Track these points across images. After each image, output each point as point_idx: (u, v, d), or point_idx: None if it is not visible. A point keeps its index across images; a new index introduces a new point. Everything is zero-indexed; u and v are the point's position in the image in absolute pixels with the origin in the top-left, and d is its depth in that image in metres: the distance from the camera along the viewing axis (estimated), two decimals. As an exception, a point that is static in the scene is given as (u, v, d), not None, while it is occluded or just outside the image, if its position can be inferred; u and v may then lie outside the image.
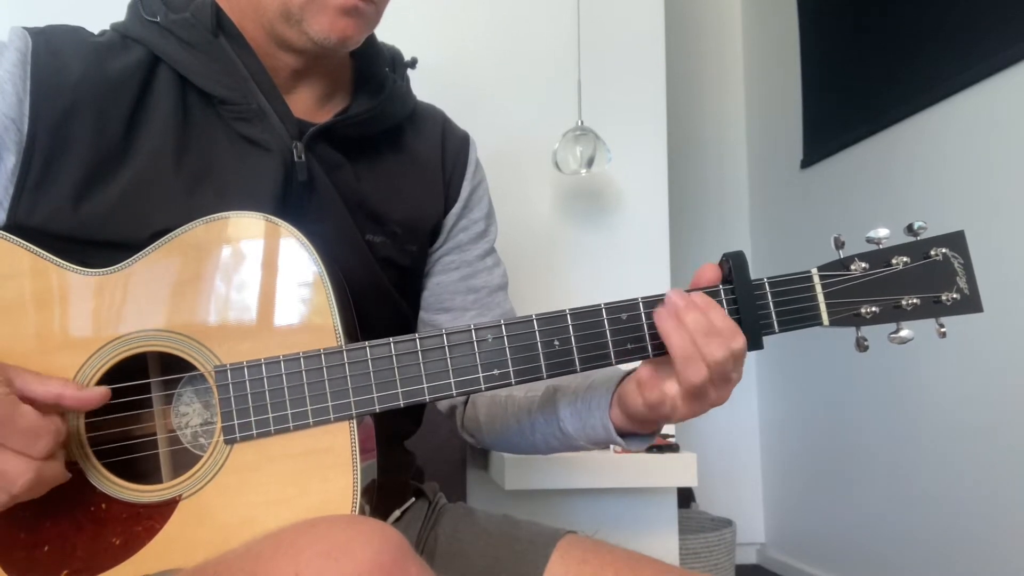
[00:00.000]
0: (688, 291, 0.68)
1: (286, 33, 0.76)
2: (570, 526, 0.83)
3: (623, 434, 0.75)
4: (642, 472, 1.52)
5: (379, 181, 0.85)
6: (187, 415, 0.70)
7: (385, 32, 0.89)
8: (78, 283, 0.66)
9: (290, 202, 0.76)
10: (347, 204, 0.81)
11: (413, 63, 0.93)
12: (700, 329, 0.64)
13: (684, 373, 0.64)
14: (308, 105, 0.83)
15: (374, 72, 0.87)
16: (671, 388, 0.66)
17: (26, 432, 0.57)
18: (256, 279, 0.66)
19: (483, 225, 0.95)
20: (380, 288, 0.84)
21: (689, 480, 1.54)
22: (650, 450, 1.53)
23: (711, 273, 0.69)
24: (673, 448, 1.55)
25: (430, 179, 0.90)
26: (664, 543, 1.66)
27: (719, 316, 0.65)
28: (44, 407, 0.60)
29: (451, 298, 0.92)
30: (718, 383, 0.66)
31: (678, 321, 0.65)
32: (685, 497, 2.30)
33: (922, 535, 1.93)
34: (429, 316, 0.92)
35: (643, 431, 0.75)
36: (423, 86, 0.97)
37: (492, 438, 0.90)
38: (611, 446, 1.58)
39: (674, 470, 1.53)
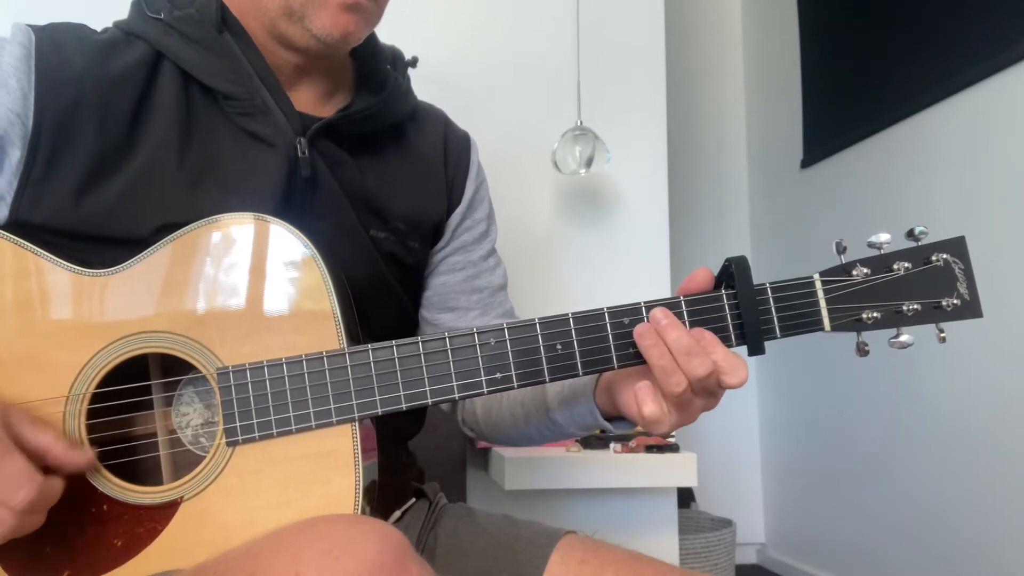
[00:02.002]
0: (687, 297, 0.68)
1: (288, 30, 0.76)
2: (570, 526, 0.83)
3: (611, 418, 0.75)
4: (642, 472, 1.53)
5: (382, 177, 0.85)
6: (188, 416, 0.70)
7: (385, 31, 0.89)
8: (79, 284, 0.66)
9: (293, 197, 0.77)
10: (351, 199, 0.81)
11: (414, 62, 0.94)
12: (682, 348, 0.64)
13: (666, 386, 0.64)
14: (310, 102, 0.83)
15: (375, 70, 0.87)
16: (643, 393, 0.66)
17: (7, 480, 0.56)
18: (255, 279, 0.66)
19: (485, 225, 0.96)
20: (384, 283, 0.84)
21: (689, 480, 1.54)
22: (650, 450, 1.54)
23: (702, 277, 0.69)
24: (673, 448, 1.55)
25: (432, 178, 0.91)
26: (664, 543, 1.67)
27: (702, 334, 0.65)
28: (32, 457, 0.59)
29: (456, 298, 0.92)
30: (702, 394, 0.66)
31: (657, 338, 0.65)
32: (685, 497, 2.30)
33: (922, 535, 1.94)
34: (432, 315, 0.93)
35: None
36: (423, 85, 0.97)
37: (490, 430, 0.91)
38: (611, 446, 1.59)
39: (674, 470, 1.53)
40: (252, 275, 0.66)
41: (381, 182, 0.85)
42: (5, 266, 0.66)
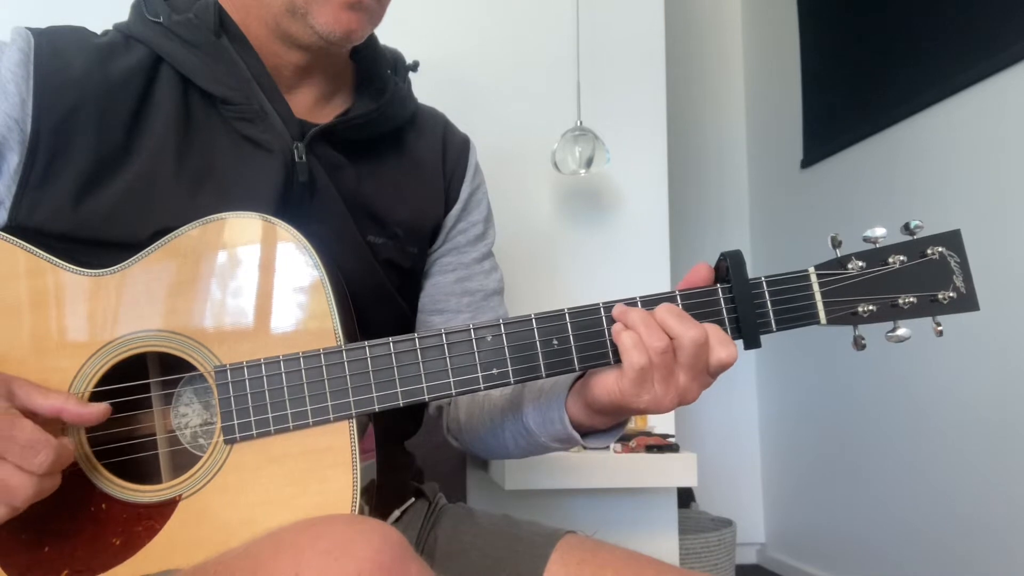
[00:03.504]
0: (683, 291, 0.68)
1: (291, 28, 0.77)
2: (570, 526, 0.83)
3: (585, 432, 0.75)
4: (642, 472, 1.52)
5: (380, 183, 0.85)
6: (187, 415, 0.70)
7: (385, 31, 0.89)
8: (77, 284, 0.66)
9: (291, 203, 0.77)
10: (348, 205, 0.81)
11: (415, 66, 0.94)
12: (641, 320, 0.65)
13: (647, 339, 0.65)
14: (309, 105, 0.83)
15: (376, 74, 0.87)
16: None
17: (25, 446, 0.57)
18: (255, 279, 0.67)
19: (481, 228, 0.95)
20: (380, 289, 0.84)
21: (689, 480, 1.54)
22: (650, 450, 1.54)
23: (704, 272, 0.69)
24: (673, 448, 1.55)
25: (431, 181, 0.91)
26: (664, 543, 1.67)
27: (669, 313, 0.66)
28: (45, 421, 0.61)
29: (445, 299, 0.92)
30: (686, 367, 0.65)
31: (624, 325, 0.66)
32: (685, 497, 2.30)
33: (922, 534, 1.93)
34: (423, 317, 0.93)
35: (604, 425, 0.74)
36: (423, 86, 0.97)
37: (470, 438, 0.90)
38: (611, 446, 1.58)
39: (674, 470, 1.53)
40: (253, 276, 0.67)
41: (379, 188, 0.85)
42: (3, 267, 0.66)
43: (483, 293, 0.94)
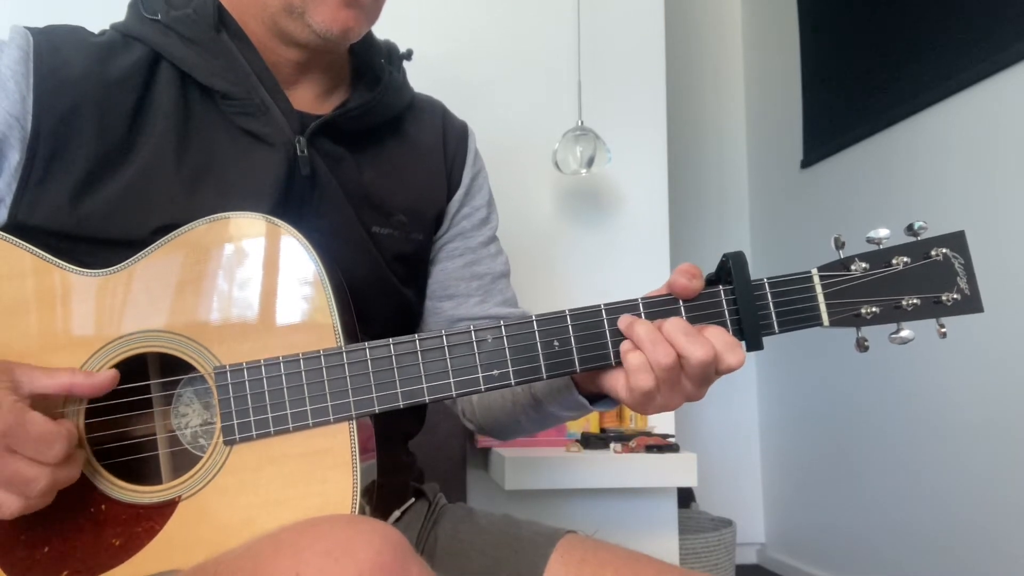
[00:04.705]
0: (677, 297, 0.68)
1: (288, 26, 0.77)
2: (570, 526, 0.83)
3: (593, 397, 0.75)
4: (642, 472, 1.52)
5: (382, 172, 0.86)
6: (187, 416, 0.70)
7: (385, 31, 0.89)
8: (78, 284, 0.66)
9: (292, 197, 0.77)
10: (350, 197, 0.81)
11: (409, 55, 0.94)
12: (647, 336, 0.65)
13: (653, 355, 0.64)
14: (309, 100, 0.83)
15: (371, 65, 0.88)
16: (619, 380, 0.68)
17: (38, 438, 0.58)
18: (256, 280, 0.66)
19: (485, 212, 0.95)
20: (382, 281, 0.84)
21: (689, 480, 1.54)
22: (650, 450, 1.54)
23: (682, 282, 0.67)
24: (673, 448, 1.55)
25: (432, 167, 0.91)
26: (664, 543, 1.67)
27: (677, 329, 0.65)
28: (55, 402, 0.61)
29: (455, 285, 0.92)
30: (664, 387, 0.65)
31: (634, 318, 0.66)
32: (685, 497, 2.30)
33: (922, 534, 1.93)
34: (433, 303, 0.93)
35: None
36: (423, 85, 0.97)
37: (485, 417, 0.91)
38: (611, 446, 1.58)
39: (674, 470, 1.53)
40: (253, 276, 0.66)
41: (381, 176, 0.85)
42: (3, 267, 0.66)
43: (491, 276, 0.94)
